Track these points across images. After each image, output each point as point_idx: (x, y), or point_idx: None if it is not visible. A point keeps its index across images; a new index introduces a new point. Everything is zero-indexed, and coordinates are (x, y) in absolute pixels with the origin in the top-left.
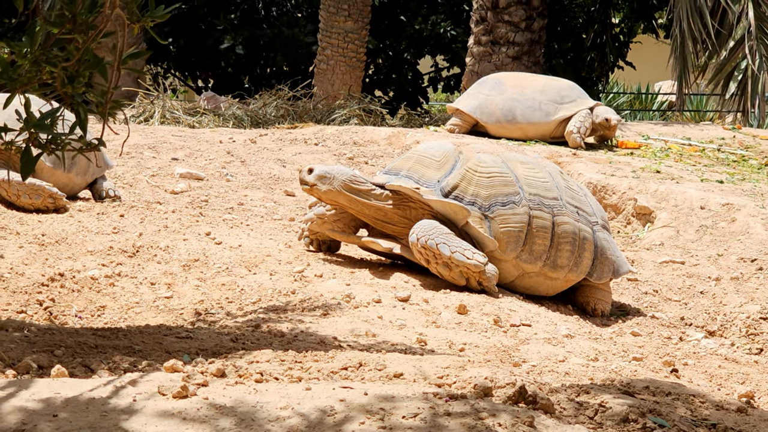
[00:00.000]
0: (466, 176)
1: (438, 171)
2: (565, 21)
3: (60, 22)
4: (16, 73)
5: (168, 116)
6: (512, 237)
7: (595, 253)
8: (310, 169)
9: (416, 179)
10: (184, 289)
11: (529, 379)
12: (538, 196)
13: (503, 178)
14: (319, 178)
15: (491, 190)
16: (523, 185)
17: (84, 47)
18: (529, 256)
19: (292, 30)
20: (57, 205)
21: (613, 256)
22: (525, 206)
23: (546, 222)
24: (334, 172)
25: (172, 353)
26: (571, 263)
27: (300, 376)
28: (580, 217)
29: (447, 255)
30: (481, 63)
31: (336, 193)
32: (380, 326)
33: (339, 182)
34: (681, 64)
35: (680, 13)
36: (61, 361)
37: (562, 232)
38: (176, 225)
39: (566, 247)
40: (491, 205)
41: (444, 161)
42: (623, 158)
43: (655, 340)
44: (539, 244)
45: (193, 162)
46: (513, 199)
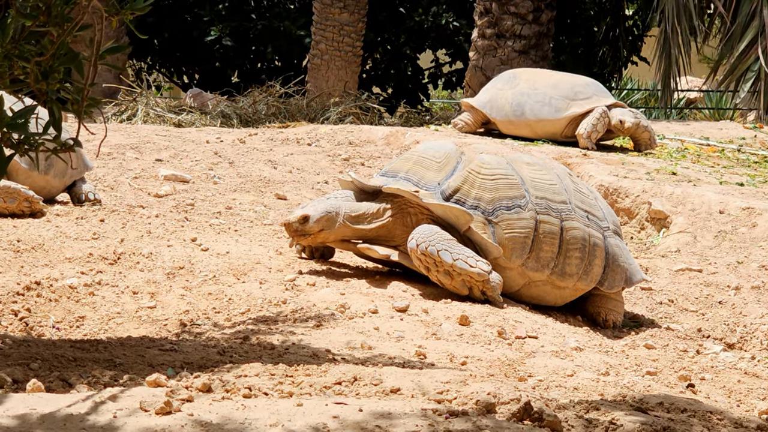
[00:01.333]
0: (468, 178)
1: (439, 173)
2: (575, 13)
3: (34, 14)
4: None
5: (152, 114)
6: (518, 243)
7: (606, 261)
8: (305, 217)
9: (415, 181)
10: (169, 298)
11: (534, 395)
12: (545, 199)
13: (508, 180)
14: (325, 222)
15: (495, 193)
16: (529, 188)
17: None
18: (536, 263)
19: (283, 22)
20: (33, 209)
21: (626, 263)
22: (531, 210)
23: (554, 227)
24: (333, 208)
25: (155, 367)
26: (581, 271)
27: (291, 392)
28: (590, 222)
29: (449, 263)
30: (485, 58)
31: (342, 229)
32: (377, 338)
33: (342, 216)
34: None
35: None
36: (38, 374)
37: (570, 238)
38: (160, 230)
39: (575, 254)
40: (495, 209)
41: (445, 162)
42: (637, 159)
43: (671, 353)
44: (547, 251)
45: (179, 163)
46: (518, 203)
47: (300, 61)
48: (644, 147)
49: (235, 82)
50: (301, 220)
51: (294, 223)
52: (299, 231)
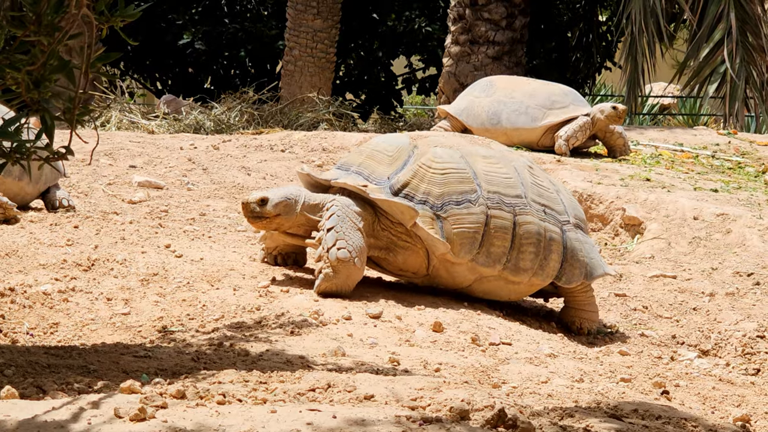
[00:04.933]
0: (418, 173)
1: (389, 167)
2: (549, 19)
3: (24, 23)
4: None
5: (125, 121)
6: (467, 238)
7: (564, 255)
8: (263, 199)
9: (366, 175)
10: (143, 305)
11: (509, 402)
12: (498, 194)
13: (459, 174)
14: (283, 207)
15: (445, 187)
16: (481, 182)
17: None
18: (487, 258)
19: (255, 26)
20: (7, 215)
21: (586, 257)
22: (482, 205)
23: (506, 222)
24: (294, 195)
25: (129, 373)
26: (536, 266)
27: (265, 398)
28: (547, 216)
29: (326, 227)
30: (459, 64)
31: (299, 217)
32: (350, 345)
33: (301, 204)
34: (632, 66)
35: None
36: (12, 381)
37: (524, 232)
38: (134, 237)
39: (529, 248)
40: (444, 204)
41: (396, 156)
42: (611, 165)
43: (645, 360)
44: (498, 246)
45: (152, 170)
46: (469, 198)
47: (273, 66)
48: (618, 153)
49: (208, 88)
50: (259, 202)
51: (252, 203)
52: (255, 213)
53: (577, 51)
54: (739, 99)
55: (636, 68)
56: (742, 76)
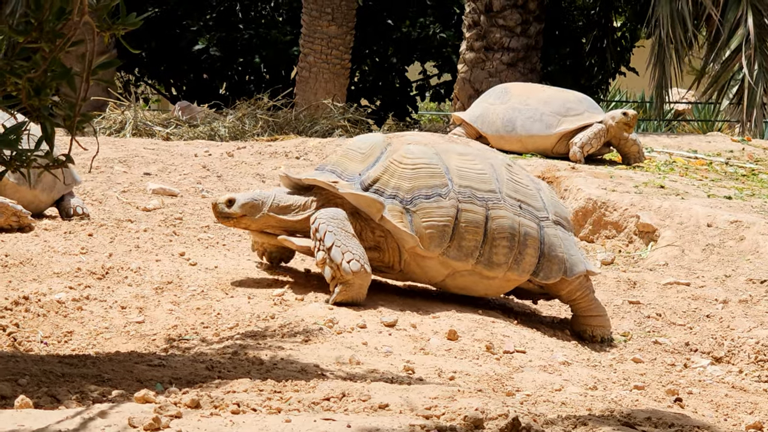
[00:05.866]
0: (389, 168)
1: (362, 163)
2: (563, 25)
3: (25, 30)
4: None
5: (140, 128)
6: (436, 231)
7: (541, 251)
8: (230, 200)
9: (339, 173)
10: (157, 313)
11: (522, 410)
12: (470, 188)
13: (430, 169)
14: (249, 208)
15: (415, 182)
16: (453, 177)
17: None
18: (458, 252)
19: (270, 31)
20: (21, 223)
21: (565, 254)
22: (453, 199)
23: (477, 216)
24: (261, 197)
25: (143, 382)
26: (510, 261)
27: (279, 407)
28: (523, 211)
29: (327, 245)
30: (474, 70)
31: (266, 218)
32: (365, 353)
33: (269, 206)
34: (660, 71)
35: (660, 18)
36: (26, 390)
37: (497, 227)
38: (148, 245)
39: (503, 242)
40: (414, 198)
41: (369, 153)
42: (625, 172)
43: (658, 367)
44: (469, 240)
45: (167, 177)
46: (439, 192)
47: (288, 72)
48: (632, 160)
49: (223, 94)
50: (227, 203)
51: (220, 204)
52: (223, 213)
53: (592, 57)
54: (757, 105)
55: (663, 74)
56: (760, 83)
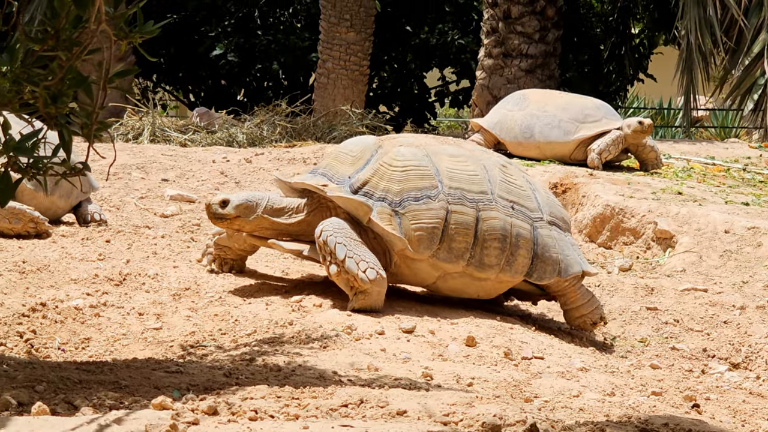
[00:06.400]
0: (379, 171)
1: (352, 166)
2: (581, 31)
3: (42, 38)
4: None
5: (158, 134)
6: (425, 234)
7: (534, 251)
8: (224, 201)
9: (330, 176)
10: (174, 319)
11: (540, 416)
12: (460, 189)
13: (420, 171)
14: (243, 209)
15: (404, 184)
16: (443, 178)
17: (68, 65)
18: (448, 254)
19: (288, 37)
20: (39, 230)
21: (560, 254)
22: (442, 201)
23: (467, 218)
24: (255, 198)
25: (160, 389)
26: (502, 262)
27: (297, 414)
28: (515, 212)
29: (340, 258)
30: (492, 77)
31: (260, 220)
32: (383, 359)
33: (263, 208)
34: (688, 78)
35: (689, 25)
36: (43, 397)
37: (488, 228)
38: (166, 251)
39: (494, 244)
40: (403, 200)
41: (359, 156)
42: (643, 179)
43: (676, 373)
44: (459, 242)
45: (185, 183)
46: (428, 194)
47: (306, 78)
48: (650, 167)
49: (241, 101)
50: (221, 204)
51: (214, 204)
52: (217, 214)
53: (610, 63)
54: None
55: (692, 80)
56: None
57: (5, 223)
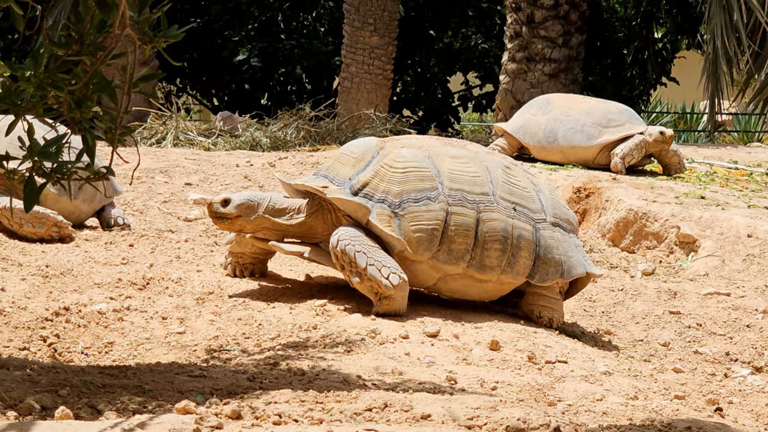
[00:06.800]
0: (379, 172)
1: (353, 168)
2: (604, 36)
3: (66, 42)
4: (20, 97)
5: (181, 138)
6: (425, 235)
7: (536, 253)
8: (226, 200)
9: (331, 177)
10: (198, 324)
11: (564, 420)
12: (461, 191)
13: (420, 173)
14: (244, 209)
15: (404, 186)
16: (444, 180)
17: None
18: (448, 256)
19: (311, 41)
20: (62, 234)
21: (563, 256)
22: (442, 202)
23: (468, 219)
24: (257, 198)
25: (184, 393)
26: (504, 264)
27: (321, 418)
28: (518, 213)
29: (362, 266)
30: (515, 81)
31: (261, 220)
32: (407, 364)
33: (264, 208)
34: (713, 83)
35: (714, 29)
36: (66, 401)
37: (489, 229)
38: (189, 255)
39: (495, 245)
40: (402, 201)
41: (361, 157)
42: (666, 183)
43: (699, 377)
44: (460, 243)
45: (208, 187)
46: (428, 195)
47: (329, 82)
48: (673, 171)
49: (264, 104)
50: (222, 203)
51: (215, 203)
52: (218, 213)
53: (633, 68)
54: None
55: (717, 85)
56: None
57: (29, 227)
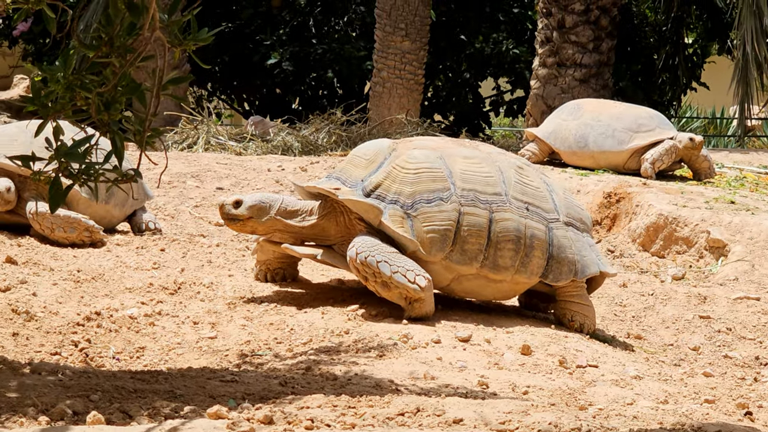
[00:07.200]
0: (391, 173)
1: (365, 169)
2: (635, 41)
3: (96, 44)
4: (49, 99)
5: (213, 142)
6: (437, 236)
7: (549, 252)
8: (238, 201)
9: (344, 179)
10: (230, 328)
11: (595, 424)
12: (473, 191)
13: (432, 173)
14: (256, 210)
15: (416, 186)
16: (456, 180)
17: (121, 72)
18: (461, 256)
19: (343, 46)
20: (93, 238)
21: (576, 255)
22: (455, 202)
23: (480, 219)
24: (269, 200)
25: (216, 398)
26: (517, 263)
27: (353, 423)
28: (530, 213)
29: (387, 275)
30: (546, 86)
31: (273, 222)
32: (439, 368)
33: (276, 209)
34: (743, 89)
35: (744, 35)
36: (98, 406)
37: (502, 229)
38: (221, 260)
39: (508, 245)
40: (415, 202)
41: (373, 159)
42: (696, 188)
43: (729, 381)
44: (473, 243)
45: (240, 191)
46: (440, 196)
47: (361, 86)
48: (703, 176)
49: (296, 109)
50: (234, 204)
51: (227, 205)
52: (230, 215)
53: (663, 73)
54: None
55: (747, 91)
56: None
57: (60, 232)
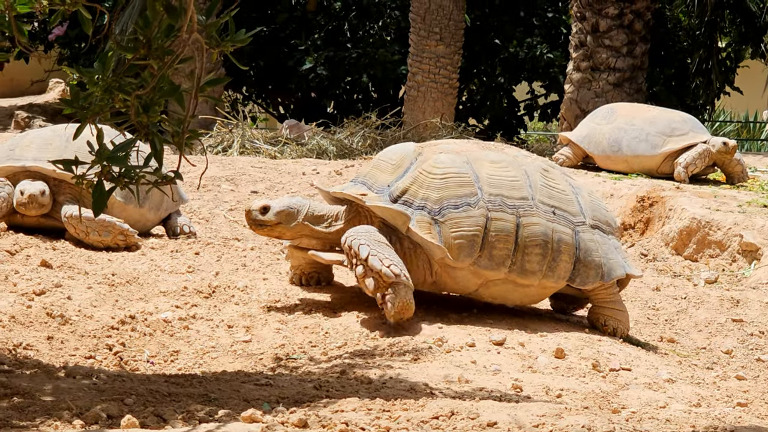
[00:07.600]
0: (418, 179)
1: (391, 174)
2: (668, 45)
3: (134, 47)
4: (87, 101)
5: (248, 146)
6: (465, 242)
7: (576, 256)
8: (265, 207)
9: (370, 185)
10: (264, 332)
11: (628, 427)
12: (500, 196)
13: (459, 178)
14: (284, 216)
15: (444, 192)
16: (483, 185)
17: (159, 74)
18: (489, 261)
19: (377, 50)
20: (128, 242)
21: (602, 258)
22: (482, 208)
23: (508, 224)
24: (297, 205)
25: (250, 402)
26: (545, 267)
27: (388, 426)
28: (557, 217)
29: (363, 257)
30: (580, 90)
31: (301, 228)
32: (474, 372)
33: (303, 215)
34: None
35: None
36: (132, 410)
37: (529, 234)
38: (255, 263)
39: (535, 250)
40: (442, 208)
41: (399, 164)
42: (729, 192)
43: (761, 385)
44: (500, 248)
45: (274, 195)
46: (468, 201)
47: (395, 90)
48: (736, 180)
49: (330, 113)
50: (261, 210)
51: (254, 210)
52: (257, 221)
53: (697, 77)
54: None
55: None
56: None
57: (95, 235)
